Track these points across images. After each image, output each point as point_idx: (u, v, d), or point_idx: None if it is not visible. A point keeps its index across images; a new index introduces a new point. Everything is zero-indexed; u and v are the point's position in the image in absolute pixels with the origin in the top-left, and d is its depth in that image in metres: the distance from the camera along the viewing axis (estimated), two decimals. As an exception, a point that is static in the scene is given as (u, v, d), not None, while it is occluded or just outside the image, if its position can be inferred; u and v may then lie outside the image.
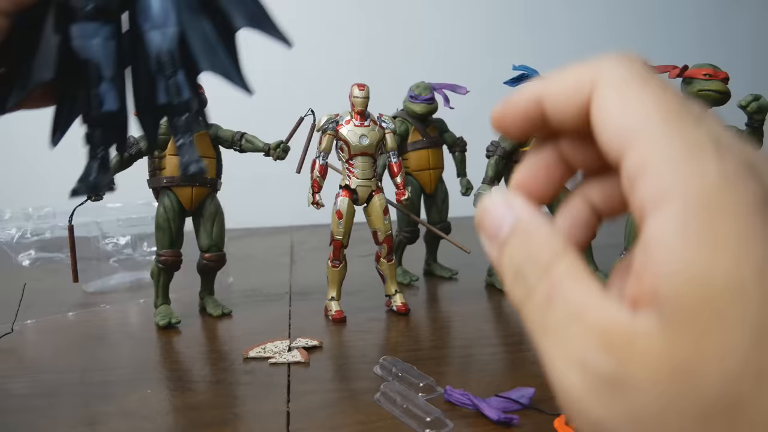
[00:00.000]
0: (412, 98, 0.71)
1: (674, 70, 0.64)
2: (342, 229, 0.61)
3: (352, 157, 0.60)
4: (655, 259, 0.15)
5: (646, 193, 0.16)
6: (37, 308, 0.65)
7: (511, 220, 0.19)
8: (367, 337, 0.56)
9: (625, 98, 0.17)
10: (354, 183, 0.61)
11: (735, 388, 0.14)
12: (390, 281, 0.64)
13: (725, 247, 0.15)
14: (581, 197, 0.21)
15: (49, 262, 0.80)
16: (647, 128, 0.16)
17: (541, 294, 0.17)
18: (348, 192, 0.61)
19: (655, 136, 0.16)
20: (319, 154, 0.60)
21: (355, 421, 0.40)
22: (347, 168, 0.61)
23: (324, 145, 0.60)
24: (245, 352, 0.51)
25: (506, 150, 0.69)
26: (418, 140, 0.72)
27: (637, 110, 0.17)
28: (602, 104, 0.18)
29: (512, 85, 0.70)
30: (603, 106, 0.18)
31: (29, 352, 0.55)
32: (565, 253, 0.18)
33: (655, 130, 0.16)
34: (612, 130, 0.17)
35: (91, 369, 0.50)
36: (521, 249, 0.19)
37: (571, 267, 0.17)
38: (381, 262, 0.64)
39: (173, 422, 0.41)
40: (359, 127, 0.59)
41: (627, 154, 0.16)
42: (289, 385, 0.46)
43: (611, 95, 0.17)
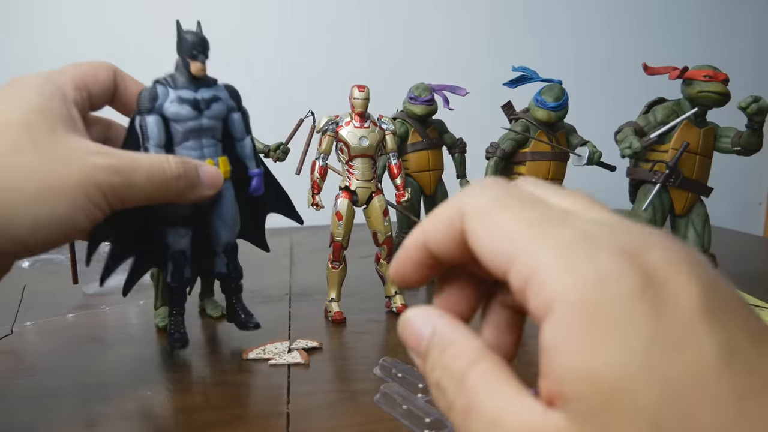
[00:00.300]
0: (412, 99, 0.71)
1: (674, 72, 0.64)
2: (342, 230, 0.61)
3: (352, 158, 0.60)
4: (552, 364, 0.16)
5: (535, 306, 0.17)
6: (36, 310, 0.65)
7: (428, 333, 0.20)
8: (366, 338, 0.56)
9: (491, 226, 0.18)
10: (354, 184, 0.61)
11: None
12: (390, 282, 0.64)
13: (609, 344, 0.15)
14: (499, 304, 0.22)
15: (49, 264, 0.80)
16: (518, 248, 0.17)
17: (460, 407, 0.18)
18: (348, 193, 0.61)
19: (527, 253, 0.17)
20: (319, 155, 0.60)
21: (354, 422, 0.40)
22: (347, 169, 0.61)
23: (324, 146, 0.60)
24: (245, 354, 0.51)
25: (506, 152, 0.69)
26: (417, 141, 0.72)
27: (505, 233, 0.18)
28: (473, 235, 0.19)
29: (511, 86, 0.70)
30: (474, 237, 0.19)
31: (29, 353, 0.55)
32: (480, 361, 0.18)
33: (526, 247, 0.17)
34: (488, 257, 0.18)
35: (90, 370, 0.50)
36: (438, 361, 0.19)
37: (486, 373, 0.18)
38: (381, 264, 0.64)
39: (173, 423, 0.41)
40: (359, 129, 0.59)
41: (509, 275, 0.17)
42: (289, 387, 0.46)
43: (478, 226, 0.19)
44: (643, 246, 0.17)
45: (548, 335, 0.16)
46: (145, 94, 0.44)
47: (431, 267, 0.21)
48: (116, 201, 0.36)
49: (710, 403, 0.15)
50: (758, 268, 0.86)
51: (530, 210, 0.18)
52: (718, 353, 0.15)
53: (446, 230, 0.20)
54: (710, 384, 0.15)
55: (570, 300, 0.16)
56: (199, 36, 0.44)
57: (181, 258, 0.48)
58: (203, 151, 0.46)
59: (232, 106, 0.47)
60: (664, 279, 0.16)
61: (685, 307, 0.16)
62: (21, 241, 0.34)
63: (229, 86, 0.48)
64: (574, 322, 0.16)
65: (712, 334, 0.15)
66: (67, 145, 0.35)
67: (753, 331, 0.16)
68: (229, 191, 0.48)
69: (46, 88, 0.36)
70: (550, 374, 0.16)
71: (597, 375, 0.15)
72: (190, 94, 0.44)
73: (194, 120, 0.45)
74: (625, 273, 0.16)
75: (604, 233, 0.17)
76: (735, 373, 0.15)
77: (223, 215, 0.48)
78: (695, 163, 0.65)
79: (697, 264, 0.17)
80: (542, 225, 0.17)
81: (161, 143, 0.44)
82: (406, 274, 0.22)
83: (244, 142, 0.48)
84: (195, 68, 0.44)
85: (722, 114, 0.66)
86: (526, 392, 0.17)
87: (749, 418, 0.15)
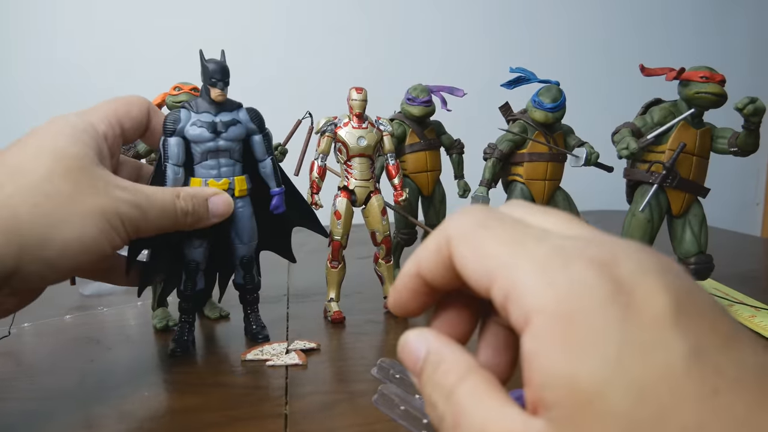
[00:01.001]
0: (409, 101, 0.71)
1: (671, 73, 0.64)
2: (340, 229, 0.61)
3: (350, 158, 0.60)
4: (533, 371, 0.17)
5: (515, 318, 0.18)
6: (34, 311, 0.65)
7: (423, 353, 0.21)
8: (365, 339, 0.56)
9: (474, 246, 0.19)
10: (352, 184, 0.61)
11: None
12: (388, 282, 0.64)
13: (583, 350, 0.16)
14: (494, 323, 0.23)
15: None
16: (499, 264, 0.18)
17: (449, 419, 0.19)
18: (346, 193, 0.61)
19: (507, 269, 0.18)
20: (318, 155, 0.60)
21: (353, 423, 0.40)
22: (345, 169, 0.61)
23: (322, 147, 0.60)
24: (243, 355, 0.51)
25: (503, 152, 0.69)
26: (415, 142, 0.72)
27: (487, 252, 0.19)
28: (458, 257, 0.20)
29: (509, 87, 0.70)
30: (460, 258, 0.20)
31: (27, 355, 0.55)
32: (469, 376, 0.20)
33: (506, 263, 0.18)
34: (473, 276, 0.19)
35: (88, 372, 0.50)
36: (431, 377, 0.21)
37: (475, 387, 0.19)
38: (379, 263, 0.64)
39: (171, 425, 0.41)
40: (357, 129, 0.60)
41: (492, 291, 0.19)
42: (287, 388, 0.46)
43: (462, 248, 0.20)
44: (614, 256, 0.18)
45: (527, 345, 0.17)
46: (170, 117, 0.48)
47: (427, 294, 0.23)
48: (133, 231, 0.40)
49: (681, 402, 0.15)
50: (755, 268, 0.87)
51: (510, 230, 0.19)
52: (686, 354, 0.16)
53: (435, 257, 0.21)
54: (680, 384, 0.16)
55: (546, 310, 0.17)
56: (219, 64, 0.48)
57: (195, 269, 0.52)
58: (220, 170, 0.50)
59: (252, 129, 0.51)
60: (633, 286, 0.17)
61: (654, 312, 0.16)
62: (51, 263, 0.36)
63: (252, 110, 0.51)
64: (550, 330, 0.17)
65: (680, 337, 0.16)
66: (94, 175, 0.38)
67: (724, 334, 0.17)
68: (246, 209, 0.52)
69: (79, 124, 0.40)
70: (531, 382, 0.17)
71: (573, 381, 0.16)
72: (210, 117, 0.49)
73: (212, 141, 0.49)
74: (596, 282, 0.17)
75: (578, 247, 0.18)
76: (704, 373, 0.16)
77: (240, 231, 0.52)
78: (692, 164, 0.66)
79: (667, 272, 0.17)
80: (521, 243, 0.19)
81: (180, 162, 0.48)
82: (404, 304, 0.23)
83: (265, 162, 0.52)
84: (214, 94, 0.48)
85: (719, 115, 0.66)
86: (512, 404, 0.18)
87: (721, 413, 0.15)
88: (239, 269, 0.54)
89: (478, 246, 0.19)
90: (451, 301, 0.23)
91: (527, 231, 0.19)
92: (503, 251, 0.19)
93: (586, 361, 0.16)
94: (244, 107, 0.51)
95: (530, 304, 0.17)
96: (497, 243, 0.19)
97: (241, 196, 0.51)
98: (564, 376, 0.16)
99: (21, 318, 0.61)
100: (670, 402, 0.15)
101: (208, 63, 0.48)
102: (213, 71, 0.48)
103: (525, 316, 0.17)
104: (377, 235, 0.63)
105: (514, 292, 0.18)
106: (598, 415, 0.16)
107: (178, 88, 0.59)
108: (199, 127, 0.48)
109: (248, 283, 0.55)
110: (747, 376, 0.16)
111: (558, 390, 0.16)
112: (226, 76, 0.48)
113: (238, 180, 0.51)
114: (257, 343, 0.54)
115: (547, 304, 0.17)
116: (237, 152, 0.50)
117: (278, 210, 0.53)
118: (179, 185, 0.49)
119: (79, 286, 0.73)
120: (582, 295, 0.17)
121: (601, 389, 0.16)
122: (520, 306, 0.17)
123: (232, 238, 0.53)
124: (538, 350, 0.17)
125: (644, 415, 0.15)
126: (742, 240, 1.08)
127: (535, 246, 0.18)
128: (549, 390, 0.16)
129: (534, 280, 0.17)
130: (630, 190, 0.71)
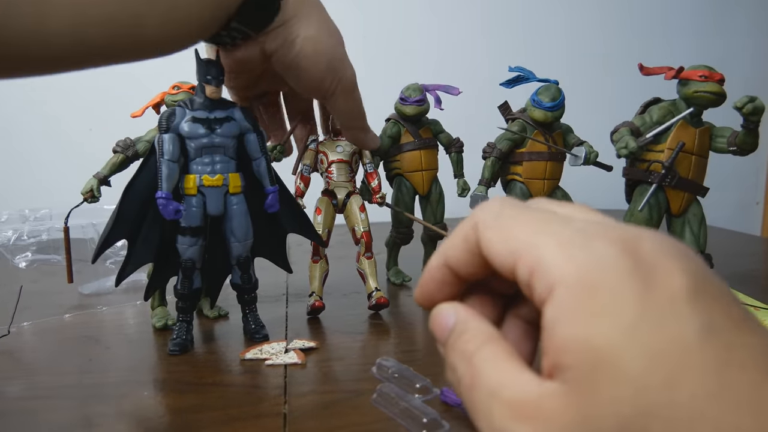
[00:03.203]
0: (402, 100, 0.71)
1: (670, 72, 0.64)
2: (320, 224, 0.62)
3: (330, 164, 0.63)
4: (552, 338, 0.18)
5: (539, 292, 0.19)
6: (33, 310, 0.65)
7: (451, 323, 0.22)
8: (363, 338, 0.57)
9: (500, 229, 0.21)
10: (332, 185, 0.64)
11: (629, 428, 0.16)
12: (370, 278, 0.64)
13: (601, 317, 0.17)
14: (514, 317, 0.24)
15: (46, 264, 0.80)
16: (524, 245, 0.20)
17: (467, 381, 0.20)
18: (327, 194, 0.64)
19: (532, 248, 0.19)
20: (302, 166, 0.63)
21: (352, 423, 0.40)
22: (327, 176, 0.64)
23: (306, 159, 0.63)
24: (242, 354, 0.51)
25: (502, 151, 0.69)
26: (409, 142, 0.72)
27: (512, 234, 0.20)
28: (485, 241, 0.21)
29: (508, 86, 0.70)
30: (486, 241, 0.21)
31: (26, 354, 0.55)
32: (489, 343, 0.21)
33: (531, 243, 0.19)
34: (499, 257, 0.20)
35: (87, 371, 0.50)
36: (454, 345, 0.22)
37: (493, 353, 0.20)
38: (361, 261, 0.64)
39: (170, 424, 0.41)
40: (336, 140, 0.64)
41: (517, 269, 0.19)
42: (286, 387, 0.46)
43: (490, 232, 0.21)
44: (636, 238, 0.19)
45: (549, 314, 0.18)
46: (164, 114, 0.49)
47: (453, 285, 0.23)
48: None
49: (692, 371, 0.16)
50: (755, 268, 0.87)
51: (536, 214, 0.21)
52: (700, 328, 0.17)
53: (463, 244, 0.22)
54: (692, 354, 0.16)
55: (569, 281, 0.18)
56: (213, 62, 0.49)
57: (191, 267, 0.52)
58: (215, 167, 0.51)
59: (246, 127, 0.52)
60: (654, 264, 0.18)
61: (671, 289, 0.17)
62: None
63: (245, 109, 0.52)
64: (572, 299, 0.18)
65: (695, 314, 0.17)
66: None
67: (736, 318, 0.18)
68: (240, 206, 0.53)
69: None
70: (549, 348, 0.18)
71: (590, 344, 0.17)
72: (204, 114, 0.49)
73: (206, 137, 0.49)
74: (619, 257, 0.18)
75: (601, 229, 0.19)
76: (716, 348, 0.17)
77: (234, 229, 0.53)
78: (691, 163, 0.66)
79: (686, 257, 0.19)
80: (546, 225, 0.20)
81: (174, 158, 0.49)
82: (430, 295, 0.24)
83: (259, 160, 0.53)
84: (209, 91, 0.49)
85: (718, 114, 0.66)
86: (528, 370, 0.19)
87: (729, 386, 0.16)
88: (236, 269, 0.54)
89: (504, 229, 0.20)
90: (474, 292, 0.24)
91: (552, 216, 0.20)
92: (529, 232, 0.20)
93: (604, 327, 0.17)
94: (238, 106, 0.52)
95: (554, 276, 0.18)
96: (523, 225, 0.20)
97: (235, 192, 0.52)
98: (582, 340, 0.17)
99: (20, 317, 0.61)
100: (681, 370, 0.16)
101: (202, 61, 0.49)
102: (207, 69, 0.49)
103: (548, 288, 0.18)
104: (356, 229, 0.64)
105: (538, 268, 0.19)
106: (611, 377, 0.16)
107: (176, 87, 0.60)
108: (193, 123, 0.49)
109: (245, 282, 0.55)
110: (755, 357, 0.17)
111: (575, 353, 0.17)
112: (220, 73, 0.49)
113: (232, 177, 0.51)
114: (256, 342, 0.54)
115: (569, 276, 0.18)
116: (231, 149, 0.51)
117: (272, 209, 0.54)
118: (173, 182, 0.49)
119: (78, 285, 0.73)
120: (604, 268, 0.18)
121: (617, 353, 0.17)
122: (544, 279, 0.18)
123: (227, 236, 0.53)
124: (558, 317, 0.18)
125: (655, 380, 0.16)
126: (741, 239, 1.08)
127: (560, 227, 0.19)
128: (565, 354, 0.17)
129: (558, 255, 0.18)
130: (629, 190, 0.71)
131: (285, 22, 0.43)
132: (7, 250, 0.76)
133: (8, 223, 0.80)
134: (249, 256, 0.55)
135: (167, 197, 0.48)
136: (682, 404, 0.16)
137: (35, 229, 0.78)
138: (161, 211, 0.48)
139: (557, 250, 0.19)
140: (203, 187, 0.51)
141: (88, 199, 0.58)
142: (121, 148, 0.59)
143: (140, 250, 0.52)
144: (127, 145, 0.59)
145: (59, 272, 0.75)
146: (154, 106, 0.61)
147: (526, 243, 0.19)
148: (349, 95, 0.51)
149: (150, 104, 0.61)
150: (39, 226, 0.79)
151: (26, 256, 0.77)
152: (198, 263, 0.53)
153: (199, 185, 0.51)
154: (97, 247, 0.51)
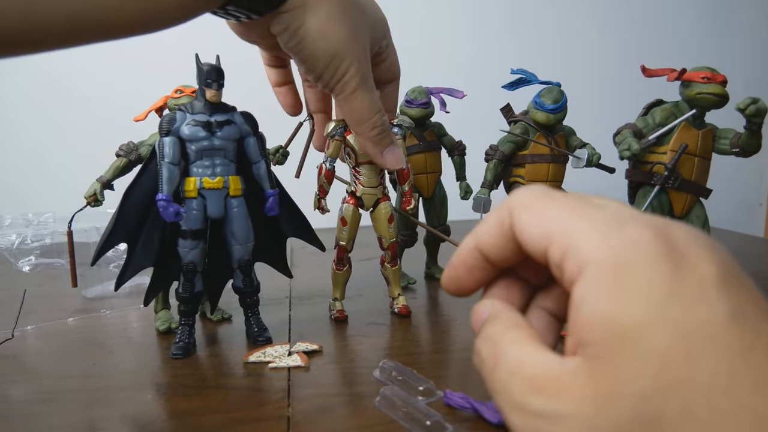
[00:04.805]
0: (408, 103, 0.71)
1: (672, 74, 0.64)
2: (346, 235, 0.61)
3: (359, 164, 0.60)
4: (579, 315, 0.18)
5: (570, 271, 0.19)
6: (37, 314, 0.65)
7: (486, 315, 0.23)
8: (367, 341, 0.56)
9: (534, 212, 0.21)
10: (360, 190, 0.60)
11: (649, 405, 0.16)
12: (393, 285, 0.64)
13: (631, 296, 0.17)
14: (538, 308, 0.24)
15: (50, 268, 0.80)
16: (557, 226, 0.20)
17: (490, 362, 0.21)
18: (353, 199, 0.61)
19: (565, 229, 0.20)
20: (326, 159, 0.59)
21: (355, 425, 0.40)
22: (354, 175, 0.61)
23: (331, 150, 0.58)
24: (245, 357, 0.51)
25: (505, 154, 0.69)
26: (413, 144, 0.72)
27: (547, 216, 0.20)
28: (519, 224, 0.21)
29: (510, 89, 0.70)
30: (519, 224, 0.21)
31: (29, 357, 0.55)
32: (514, 328, 0.21)
33: (564, 225, 0.20)
34: (531, 239, 0.21)
35: (91, 374, 0.50)
36: (483, 332, 0.22)
37: (518, 336, 0.21)
38: (385, 267, 0.64)
39: (173, 427, 0.41)
40: None
41: (549, 251, 0.20)
42: (289, 390, 0.46)
43: (524, 215, 0.21)
44: (668, 226, 0.19)
45: (577, 292, 0.18)
46: (165, 118, 0.50)
47: (483, 270, 0.24)
48: None
49: (716, 351, 0.16)
50: (758, 269, 0.86)
51: (570, 199, 0.21)
52: (729, 312, 0.17)
53: (496, 228, 0.22)
54: (719, 335, 0.17)
55: (601, 261, 0.18)
56: (213, 66, 0.50)
57: (193, 270, 0.52)
58: (215, 169, 0.51)
59: (246, 131, 0.52)
60: (685, 250, 0.18)
61: (702, 275, 0.18)
62: None
63: (246, 113, 0.52)
64: (602, 277, 0.18)
65: (724, 299, 0.17)
66: None
67: (763, 307, 0.18)
68: (241, 208, 0.53)
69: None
70: (575, 326, 0.18)
71: (617, 321, 0.17)
72: (204, 117, 0.50)
73: (207, 140, 0.50)
74: (652, 240, 0.18)
75: (635, 214, 0.20)
76: (743, 331, 0.17)
77: (235, 232, 0.53)
78: (694, 165, 0.66)
79: (716, 248, 0.19)
80: (580, 209, 0.20)
81: (174, 161, 0.49)
82: (458, 279, 0.24)
83: (259, 164, 0.53)
84: (209, 95, 0.50)
85: (721, 115, 0.66)
86: (550, 352, 0.20)
87: (752, 368, 0.16)
88: (238, 273, 0.55)
89: (539, 211, 0.21)
90: (501, 281, 0.24)
91: (586, 202, 0.21)
92: (563, 215, 0.20)
93: (632, 305, 0.17)
94: (238, 110, 0.52)
95: (586, 256, 0.18)
96: (558, 210, 0.20)
97: (235, 195, 0.52)
98: (608, 318, 0.17)
99: (24, 320, 0.61)
100: (705, 349, 0.16)
101: (203, 65, 0.50)
102: (208, 73, 0.49)
103: (580, 267, 0.18)
104: (383, 240, 0.63)
105: (571, 249, 0.19)
106: (635, 353, 0.17)
107: (179, 91, 0.60)
108: (193, 126, 0.50)
109: (247, 286, 0.55)
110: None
111: (600, 329, 0.17)
112: (220, 77, 0.50)
113: (232, 179, 0.52)
114: (259, 346, 0.54)
115: (602, 256, 0.18)
116: (231, 152, 0.52)
117: (272, 212, 0.54)
118: (174, 185, 0.49)
119: (81, 288, 0.73)
120: (637, 250, 0.18)
121: (642, 330, 0.17)
122: (577, 259, 0.19)
123: (228, 239, 0.53)
124: (587, 296, 0.18)
125: (678, 357, 0.16)
126: (744, 241, 1.08)
127: (595, 212, 0.20)
128: (591, 330, 0.18)
129: (591, 237, 0.19)
130: (632, 191, 0.71)
131: (292, 9, 0.41)
132: (10, 254, 0.76)
133: (12, 227, 0.80)
134: (250, 259, 0.55)
135: (168, 199, 0.48)
136: (702, 382, 0.16)
137: (39, 233, 0.78)
138: (161, 213, 0.49)
139: (591, 232, 0.19)
140: (203, 189, 0.51)
141: (92, 203, 0.58)
142: (124, 152, 0.59)
143: (140, 254, 0.52)
144: (130, 149, 0.59)
145: (63, 276, 0.76)
146: (158, 110, 0.61)
147: (561, 225, 0.20)
148: (353, 96, 0.46)
149: (153, 108, 0.61)
150: (42, 230, 0.79)
151: (30, 260, 0.77)
152: (199, 266, 0.53)
153: (199, 188, 0.51)
154: (96, 250, 0.51)
